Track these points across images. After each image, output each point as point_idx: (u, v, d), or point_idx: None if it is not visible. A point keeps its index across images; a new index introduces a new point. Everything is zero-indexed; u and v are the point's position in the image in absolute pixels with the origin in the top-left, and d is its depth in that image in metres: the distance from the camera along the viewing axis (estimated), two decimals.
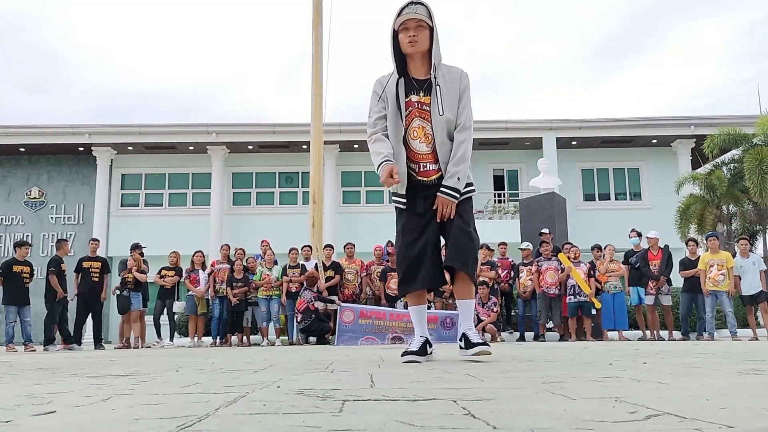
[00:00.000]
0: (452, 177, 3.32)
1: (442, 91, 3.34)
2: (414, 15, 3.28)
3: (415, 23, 3.30)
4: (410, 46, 3.32)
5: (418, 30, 3.31)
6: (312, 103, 14.44)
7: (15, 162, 22.05)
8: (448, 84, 3.37)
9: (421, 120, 3.38)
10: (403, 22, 3.31)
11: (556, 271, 10.95)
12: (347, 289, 11.42)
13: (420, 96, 3.38)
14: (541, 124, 21.22)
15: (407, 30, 3.31)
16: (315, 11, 14.63)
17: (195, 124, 21.22)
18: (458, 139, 3.36)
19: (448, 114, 3.34)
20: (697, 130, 20.19)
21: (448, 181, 3.32)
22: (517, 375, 2.27)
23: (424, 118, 3.38)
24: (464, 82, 3.42)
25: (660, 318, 11.14)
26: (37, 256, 19.79)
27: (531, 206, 14.21)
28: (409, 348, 3.41)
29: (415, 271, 3.33)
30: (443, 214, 3.32)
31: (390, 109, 3.38)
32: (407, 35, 3.31)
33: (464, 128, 3.38)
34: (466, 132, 3.38)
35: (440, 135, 3.34)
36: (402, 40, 3.34)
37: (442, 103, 3.33)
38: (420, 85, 3.40)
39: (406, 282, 3.39)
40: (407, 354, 3.33)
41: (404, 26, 3.32)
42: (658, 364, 2.80)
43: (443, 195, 3.32)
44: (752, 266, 10.23)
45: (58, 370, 3.24)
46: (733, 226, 17.40)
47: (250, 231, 19.78)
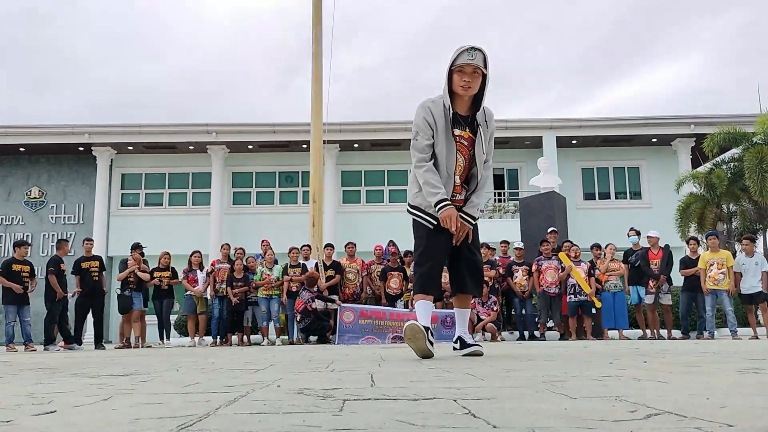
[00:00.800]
0: (474, 207, 3.74)
1: (484, 132, 3.66)
2: (472, 62, 3.47)
3: (472, 69, 3.50)
4: (462, 90, 3.53)
5: (473, 76, 3.51)
6: (312, 103, 14.45)
7: (15, 162, 22.05)
8: (485, 125, 3.68)
9: (460, 153, 3.67)
10: (461, 65, 3.49)
11: (556, 270, 10.95)
12: (348, 289, 11.41)
13: (463, 131, 3.65)
14: (541, 123, 21.23)
15: (463, 73, 3.50)
16: (315, 10, 14.63)
17: (195, 124, 21.22)
18: (486, 174, 3.76)
19: (487, 153, 3.72)
20: (697, 129, 20.18)
21: (470, 210, 3.73)
22: (517, 374, 2.27)
23: (461, 153, 3.67)
24: (494, 125, 3.76)
25: (660, 317, 11.13)
26: (37, 255, 19.80)
27: (531, 205, 14.21)
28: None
29: (429, 280, 3.68)
30: (459, 236, 3.67)
31: (443, 140, 3.60)
32: (462, 78, 3.51)
33: (489, 166, 3.80)
34: (490, 169, 3.83)
35: (475, 172, 3.73)
36: (456, 81, 3.53)
37: (485, 143, 3.68)
38: (464, 120, 3.65)
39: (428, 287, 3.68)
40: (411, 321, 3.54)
41: (461, 69, 3.50)
42: (659, 363, 2.80)
43: (464, 221, 3.67)
44: (755, 266, 10.19)
45: (59, 370, 3.24)
46: (733, 224, 17.39)
47: (250, 230, 19.78)
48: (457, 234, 3.65)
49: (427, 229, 3.72)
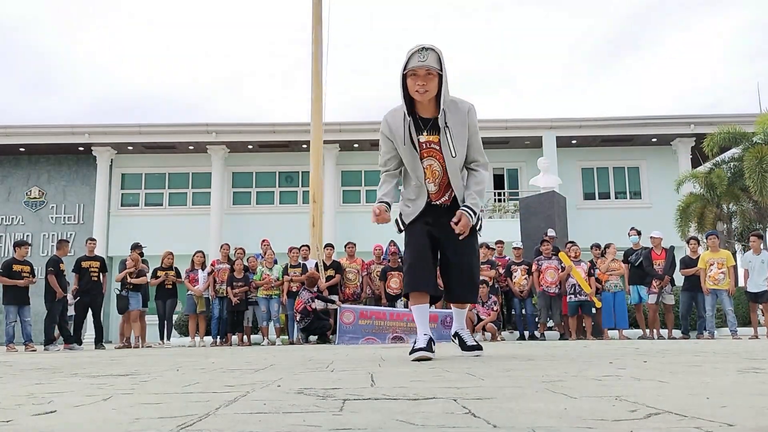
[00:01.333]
0: (474, 206, 3.51)
1: (452, 133, 3.42)
2: (423, 64, 3.28)
3: (425, 71, 3.30)
4: (418, 95, 3.35)
5: (426, 78, 3.31)
6: (312, 103, 14.46)
7: (15, 162, 22.04)
8: (456, 122, 3.43)
9: (430, 159, 3.50)
10: (413, 68, 3.31)
11: (556, 270, 10.95)
12: (348, 289, 11.42)
13: (428, 135, 3.46)
14: (541, 123, 21.21)
15: (416, 77, 3.32)
16: (314, 11, 14.64)
17: (195, 124, 21.22)
18: (479, 176, 3.58)
19: (460, 154, 3.47)
20: (697, 129, 20.17)
21: (470, 203, 3.50)
22: (517, 374, 2.27)
23: (433, 157, 3.50)
24: (472, 118, 3.48)
25: (660, 317, 11.14)
26: (37, 255, 19.79)
27: (531, 205, 14.22)
28: (417, 345, 3.48)
29: (422, 272, 3.51)
30: (461, 231, 3.43)
31: (406, 150, 3.47)
32: (416, 82, 3.32)
33: (483, 166, 3.60)
34: (485, 170, 3.62)
35: (455, 175, 3.51)
36: (410, 86, 3.36)
37: (454, 144, 3.42)
38: (426, 124, 3.46)
39: (414, 282, 3.54)
40: (417, 351, 3.40)
41: (413, 72, 3.32)
42: (659, 363, 2.80)
43: (466, 214, 3.45)
44: (761, 264, 10.17)
45: (59, 370, 3.25)
46: (733, 224, 17.39)
47: (250, 230, 19.76)
48: (458, 228, 3.43)
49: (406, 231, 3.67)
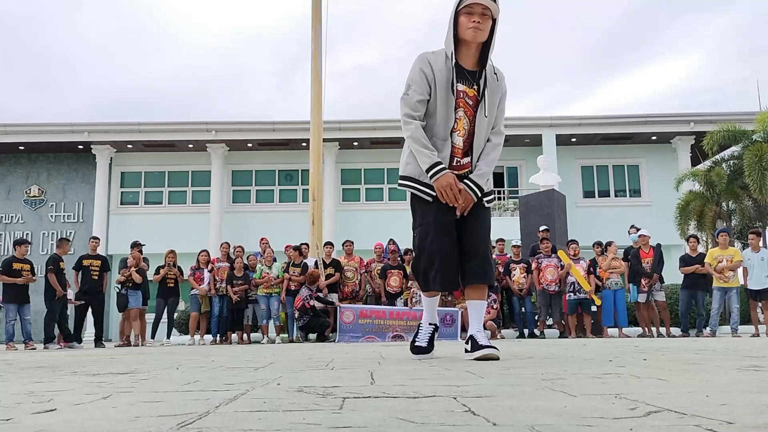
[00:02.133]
0: (482, 176, 3.25)
1: (490, 92, 3.22)
2: (481, 2, 3.04)
3: (482, 9, 3.06)
4: (472, 33, 3.07)
5: (483, 18, 3.07)
6: (311, 101, 14.45)
7: (14, 160, 22.04)
8: (492, 86, 3.24)
9: (463, 112, 3.22)
10: (469, 4, 3.05)
11: (556, 268, 10.96)
12: (347, 287, 11.42)
13: (466, 87, 3.20)
14: (541, 121, 21.20)
15: (471, 15, 3.06)
16: (314, 9, 14.63)
17: (194, 122, 21.21)
18: (495, 141, 3.31)
19: (491, 116, 3.26)
20: (696, 127, 20.17)
21: (478, 178, 3.23)
22: (517, 372, 2.27)
23: (465, 112, 3.22)
24: (505, 86, 3.33)
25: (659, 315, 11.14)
26: (37, 254, 19.79)
27: (531, 203, 14.22)
28: (418, 342, 3.45)
29: (449, 270, 3.16)
30: (463, 207, 3.18)
31: (441, 96, 3.15)
32: (470, 20, 3.05)
33: (500, 132, 3.35)
34: (501, 136, 3.36)
35: (481, 134, 3.25)
36: (463, 24, 3.08)
37: (489, 104, 3.21)
38: (470, 75, 3.21)
39: (441, 281, 3.17)
40: (417, 351, 3.40)
41: (469, 9, 3.06)
42: (658, 361, 2.80)
43: (468, 189, 3.18)
44: (760, 261, 10.18)
45: (59, 368, 3.24)
46: (732, 222, 17.39)
47: (249, 229, 19.77)
48: (460, 207, 3.17)
49: (425, 202, 3.22)
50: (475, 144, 3.24)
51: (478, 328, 3.25)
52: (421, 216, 3.23)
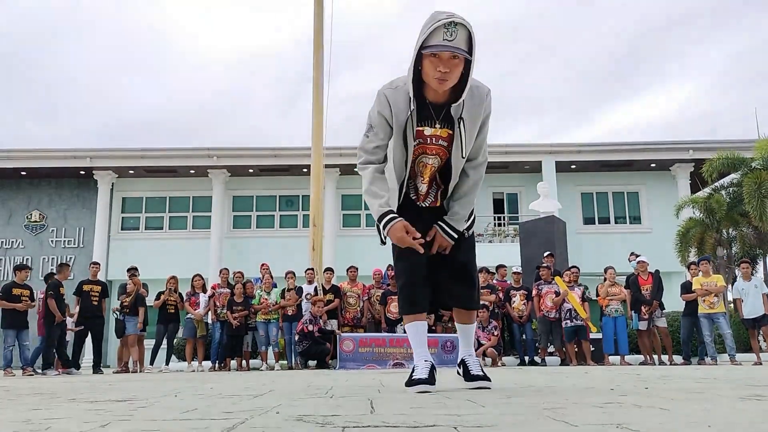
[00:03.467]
0: (457, 220, 2.91)
1: (466, 126, 2.75)
2: (450, 45, 2.52)
3: (450, 55, 2.55)
4: (436, 83, 2.61)
5: (450, 63, 2.57)
6: (313, 127, 14.55)
7: (16, 185, 22.11)
8: (471, 113, 2.75)
9: (430, 157, 2.86)
10: (436, 50, 2.55)
11: (556, 294, 10.92)
12: (348, 313, 11.37)
13: (435, 128, 2.78)
14: (541, 148, 21.32)
15: (438, 60, 2.56)
16: (316, 37, 14.81)
17: (196, 148, 21.34)
18: (473, 177, 2.90)
19: (469, 152, 2.84)
20: (695, 154, 20.27)
21: (453, 222, 2.90)
22: (518, 401, 2.25)
23: (434, 155, 2.85)
24: (488, 107, 2.82)
25: (660, 342, 11.06)
26: (37, 279, 19.71)
27: (531, 230, 14.23)
28: (416, 375, 2.89)
29: (416, 290, 2.94)
30: (439, 248, 2.93)
31: (398, 141, 2.79)
32: (436, 67, 2.57)
33: (479, 164, 2.93)
34: (481, 169, 2.93)
35: (456, 175, 2.88)
36: (427, 69, 2.60)
37: (466, 141, 2.77)
38: (438, 112, 2.76)
39: (411, 303, 2.96)
40: (417, 383, 2.84)
41: (435, 54, 2.56)
42: (660, 390, 2.78)
43: (442, 233, 2.89)
44: (754, 289, 10.20)
45: (56, 395, 3.22)
46: (733, 249, 17.37)
47: (250, 254, 19.74)
48: (434, 248, 2.89)
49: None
50: (451, 184, 2.90)
51: (469, 352, 3.16)
52: (395, 249, 2.99)
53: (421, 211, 2.99)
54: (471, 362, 3.08)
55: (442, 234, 2.90)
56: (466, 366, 3.08)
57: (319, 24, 14.83)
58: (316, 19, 14.87)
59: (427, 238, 2.87)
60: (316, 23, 14.85)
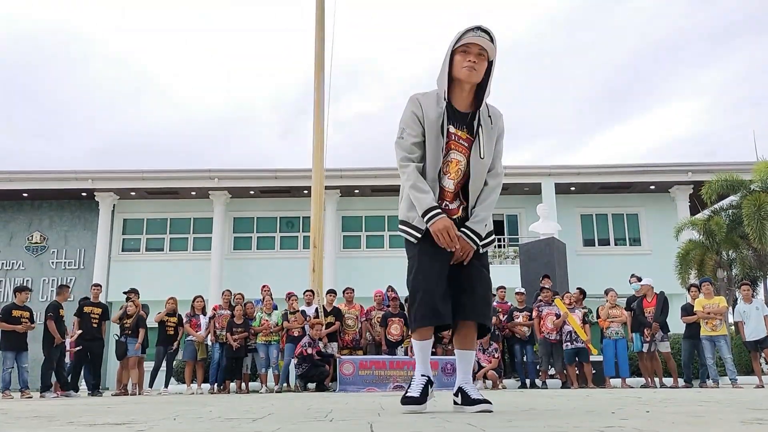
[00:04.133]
0: (479, 222, 3.09)
1: (485, 133, 3.09)
2: (479, 40, 2.96)
3: (478, 49, 2.98)
4: (467, 71, 2.97)
5: (479, 58, 2.99)
6: (313, 149, 14.62)
7: (17, 207, 22.16)
8: (489, 125, 3.12)
9: (457, 153, 3.10)
10: (466, 44, 2.98)
11: (557, 316, 10.89)
12: (347, 335, 11.32)
13: (457, 129, 3.09)
14: (540, 169, 21.41)
15: (467, 54, 2.98)
16: (317, 58, 14.95)
17: (197, 170, 21.43)
18: (492, 184, 3.16)
19: (487, 158, 3.11)
20: (694, 177, 20.35)
21: (475, 225, 3.08)
22: (519, 424, 2.25)
23: (460, 152, 3.10)
24: (502, 125, 3.20)
25: (663, 365, 11.00)
26: (37, 301, 19.70)
27: (531, 251, 14.23)
28: (409, 392, 3.05)
29: (431, 302, 2.96)
30: (460, 256, 3.04)
31: (430, 137, 3.05)
32: (466, 59, 2.97)
33: (497, 174, 3.18)
34: (498, 178, 3.19)
35: (477, 178, 3.11)
36: (458, 63, 3.00)
37: (485, 145, 3.08)
38: (462, 118, 3.10)
39: (422, 314, 2.97)
40: (408, 401, 3.01)
41: (465, 49, 2.98)
42: (661, 413, 2.78)
43: (465, 237, 3.04)
44: (755, 311, 10.17)
45: (55, 418, 3.21)
46: (733, 271, 17.36)
47: (250, 276, 19.73)
48: (457, 254, 3.04)
49: (417, 246, 3.07)
50: (471, 188, 3.12)
51: (467, 379, 3.14)
52: (412, 259, 3.11)
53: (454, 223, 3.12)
54: (469, 388, 3.08)
55: (465, 239, 3.05)
56: (465, 392, 3.06)
57: (320, 46, 14.98)
58: (317, 41, 15.03)
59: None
60: (318, 46, 15.00)
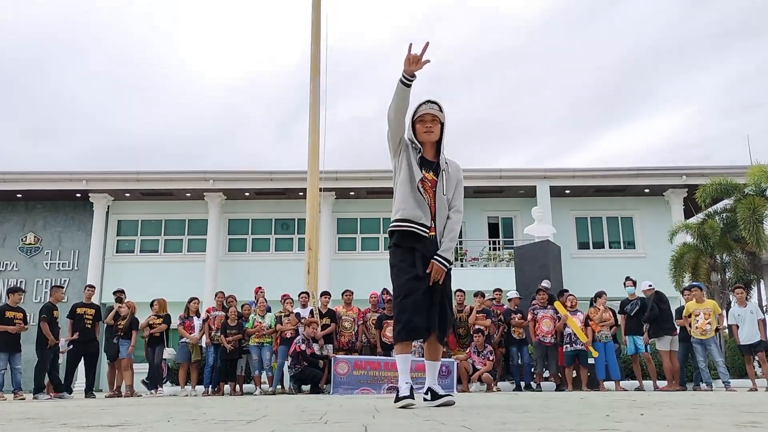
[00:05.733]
0: (447, 251, 3.90)
1: (446, 176, 3.99)
2: (431, 111, 3.95)
3: (431, 117, 3.96)
4: (426, 136, 3.96)
5: (433, 123, 3.96)
6: (309, 151, 14.62)
7: (11, 208, 22.07)
8: (449, 171, 4.04)
9: (426, 193, 3.94)
10: (421, 115, 3.96)
11: (552, 319, 10.90)
12: (343, 337, 11.31)
13: (428, 173, 3.98)
14: (535, 172, 21.45)
15: (424, 122, 3.96)
16: (313, 61, 14.95)
17: (192, 171, 21.36)
18: (454, 219, 3.99)
19: (449, 194, 3.99)
20: (689, 180, 20.42)
21: (445, 253, 3.88)
22: (513, 427, 2.25)
23: (427, 192, 3.95)
24: (460, 175, 4.11)
25: (658, 368, 11.02)
26: (30, 302, 19.62)
27: (526, 254, 14.25)
28: (400, 393, 3.79)
29: (416, 323, 3.77)
30: (435, 278, 3.83)
31: (404, 174, 3.92)
32: (424, 126, 3.95)
33: (457, 211, 4.02)
34: (459, 214, 4.03)
35: (441, 210, 3.95)
36: (419, 130, 3.98)
37: (446, 185, 3.98)
38: (429, 165, 4.01)
39: (409, 329, 3.80)
40: (402, 399, 3.72)
41: (421, 118, 3.96)
42: (655, 416, 2.78)
43: (438, 263, 3.84)
44: (750, 315, 10.19)
45: (48, 420, 3.19)
46: (727, 275, 17.41)
47: (245, 277, 19.70)
48: (433, 276, 3.84)
49: (400, 262, 3.90)
50: (437, 217, 3.93)
51: (434, 381, 4.00)
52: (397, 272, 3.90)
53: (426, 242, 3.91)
54: (436, 387, 3.96)
55: (438, 264, 3.86)
56: (433, 390, 3.94)
57: (316, 48, 14.98)
58: (313, 43, 15.03)
59: (427, 270, 3.84)
60: (314, 47, 15.00)
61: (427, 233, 3.90)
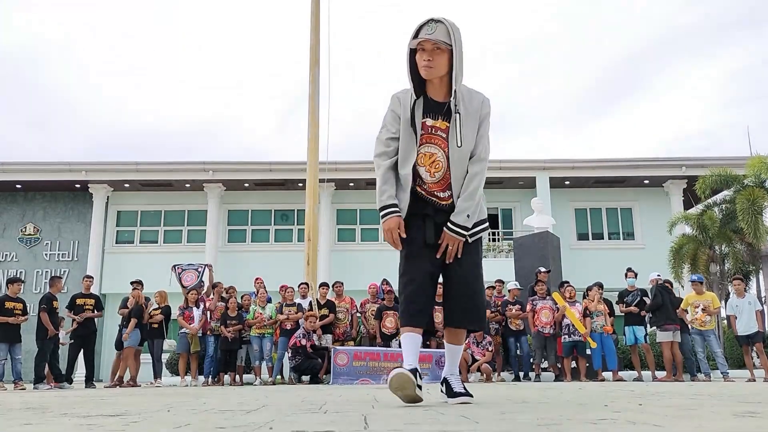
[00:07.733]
0: (461, 213, 3.09)
1: (462, 120, 3.07)
2: (431, 36, 2.95)
3: (432, 45, 2.97)
4: (424, 71, 3.02)
5: (433, 54, 2.98)
6: (308, 142, 14.60)
7: (11, 198, 22.06)
8: (468, 111, 3.09)
9: (432, 146, 3.12)
10: (420, 42, 2.98)
11: (551, 310, 10.91)
12: (338, 328, 11.35)
13: (436, 120, 3.11)
14: (535, 163, 21.43)
15: (423, 51, 2.99)
16: (312, 52, 14.91)
17: (192, 162, 21.35)
18: (472, 170, 3.12)
19: (467, 145, 3.09)
20: (688, 171, 20.42)
21: (456, 217, 3.09)
22: (512, 417, 2.25)
23: (435, 144, 3.11)
24: (485, 110, 3.15)
25: (657, 358, 11.05)
26: (30, 292, 19.63)
27: (525, 245, 14.25)
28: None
29: (421, 303, 3.07)
30: (450, 252, 3.10)
31: (403, 132, 3.12)
32: (422, 58, 3.00)
33: (479, 159, 3.14)
34: (480, 164, 3.15)
35: (457, 167, 3.10)
36: (418, 63, 3.03)
37: (461, 133, 3.06)
38: (439, 108, 3.11)
39: (411, 316, 3.06)
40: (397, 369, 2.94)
41: (421, 47, 3.00)
42: (654, 406, 2.79)
43: (450, 232, 3.09)
44: (748, 306, 10.21)
45: (48, 410, 3.20)
46: (726, 266, 17.43)
47: (244, 268, 19.72)
48: (443, 248, 3.11)
49: (405, 245, 3.15)
50: (453, 177, 3.11)
51: (453, 371, 3.30)
52: (401, 254, 3.20)
53: (437, 210, 3.17)
54: (453, 380, 3.24)
55: (449, 233, 3.10)
56: (449, 384, 3.24)
57: (315, 39, 14.93)
58: (312, 34, 14.98)
59: (438, 241, 3.11)
60: (313, 38, 14.95)
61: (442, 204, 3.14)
